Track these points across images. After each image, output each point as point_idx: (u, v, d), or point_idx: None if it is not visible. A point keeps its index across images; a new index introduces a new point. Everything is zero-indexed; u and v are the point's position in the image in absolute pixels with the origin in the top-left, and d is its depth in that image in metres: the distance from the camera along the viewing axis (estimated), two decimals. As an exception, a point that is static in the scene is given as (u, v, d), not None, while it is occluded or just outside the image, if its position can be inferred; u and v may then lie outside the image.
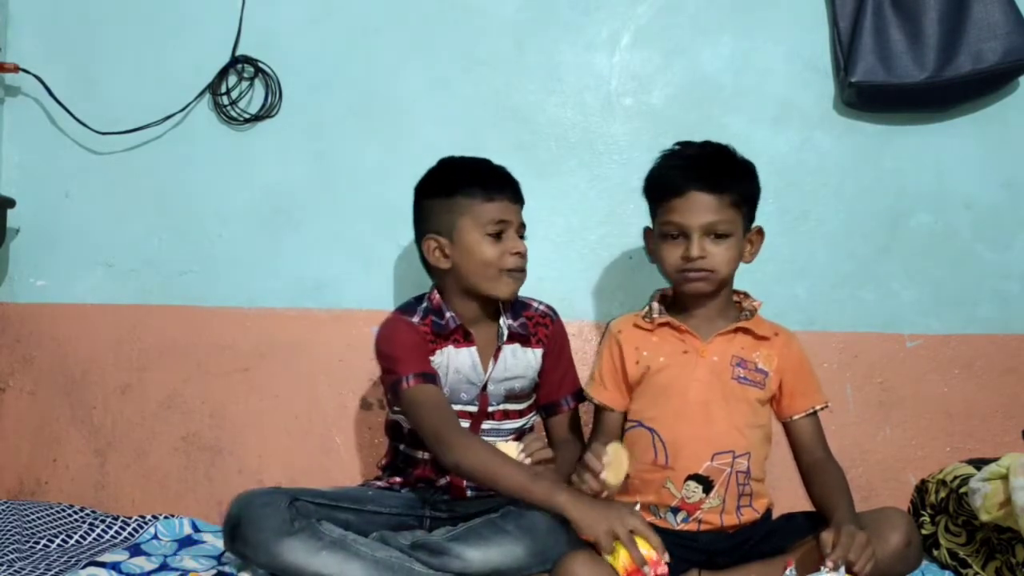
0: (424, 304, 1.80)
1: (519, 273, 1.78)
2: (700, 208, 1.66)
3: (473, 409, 1.80)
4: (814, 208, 2.14)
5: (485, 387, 1.80)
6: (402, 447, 1.84)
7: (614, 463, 1.52)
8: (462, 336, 1.79)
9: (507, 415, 1.83)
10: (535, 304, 1.89)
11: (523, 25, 2.16)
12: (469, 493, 1.78)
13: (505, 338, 1.80)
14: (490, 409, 1.81)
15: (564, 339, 1.90)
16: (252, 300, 2.16)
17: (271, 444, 2.12)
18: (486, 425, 1.81)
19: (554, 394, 1.86)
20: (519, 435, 1.83)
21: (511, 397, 1.83)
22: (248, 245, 2.17)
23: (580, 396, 1.85)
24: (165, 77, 2.18)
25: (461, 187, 1.77)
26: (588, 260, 2.14)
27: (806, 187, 2.13)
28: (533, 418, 1.88)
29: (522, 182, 2.12)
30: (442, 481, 1.79)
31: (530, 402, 1.86)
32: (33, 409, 2.17)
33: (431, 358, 1.77)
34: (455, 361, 1.78)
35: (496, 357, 1.80)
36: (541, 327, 1.86)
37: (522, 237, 1.81)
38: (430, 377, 1.72)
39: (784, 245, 2.11)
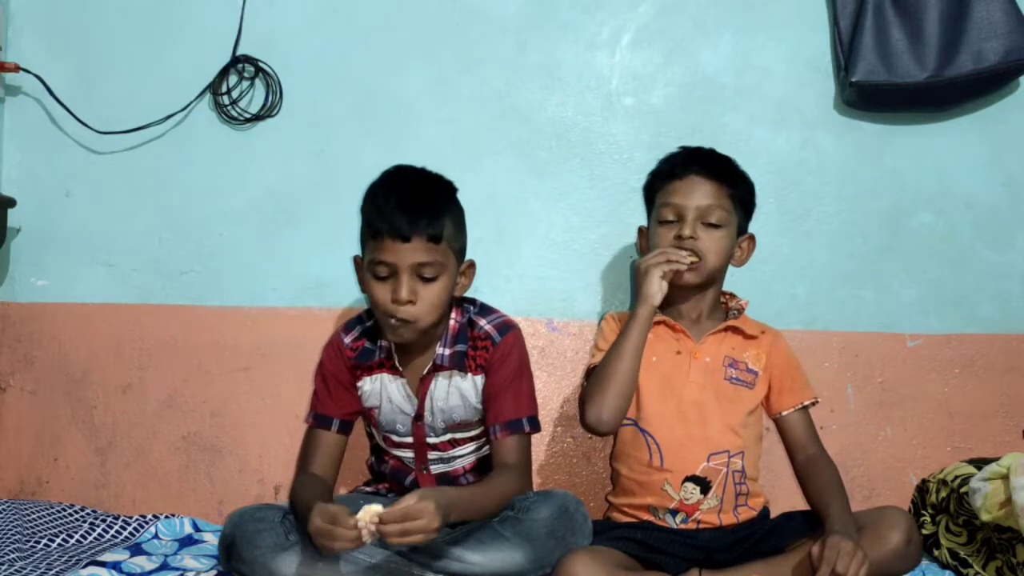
0: (368, 323, 1.76)
1: (402, 323, 1.61)
2: (698, 191, 1.71)
3: (409, 440, 1.76)
4: (814, 208, 2.13)
5: (420, 418, 1.74)
6: (374, 456, 1.87)
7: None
8: (390, 367, 1.73)
9: (456, 443, 1.78)
10: (482, 323, 1.74)
11: (523, 24, 2.16)
12: None
13: (431, 369, 1.71)
14: (431, 440, 1.76)
15: (503, 363, 1.71)
16: (253, 299, 2.16)
17: (272, 443, 2.11)
18: (432, 455, 1.77)
19: (489, 421, 1.72)
20: (479, 461, 1.79)
21: (455, 427, 1.76)
22: (249, 244, 2.17)
23: (514, 427, 1.70)
24: (165, 77, 2.18)
25: (363, 211, 1.65)
26: (588, 260, 2.14)
27: (806, 187, 2.13)
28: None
29: (522, 182, 2.15)
30: (407, 481, 1.79)
31: (483, 427, 1.77)
32: (34, 409, 2.17)
33: (360, 384, 1.76)
34: (389, 390, 1.74)
35: (426, 388, 1.73)
36: (481, 351, 1.72)
37: (429, 279, 1.60)
38: (327, 421, 1.76)
39: (784, 245, 2.11)
